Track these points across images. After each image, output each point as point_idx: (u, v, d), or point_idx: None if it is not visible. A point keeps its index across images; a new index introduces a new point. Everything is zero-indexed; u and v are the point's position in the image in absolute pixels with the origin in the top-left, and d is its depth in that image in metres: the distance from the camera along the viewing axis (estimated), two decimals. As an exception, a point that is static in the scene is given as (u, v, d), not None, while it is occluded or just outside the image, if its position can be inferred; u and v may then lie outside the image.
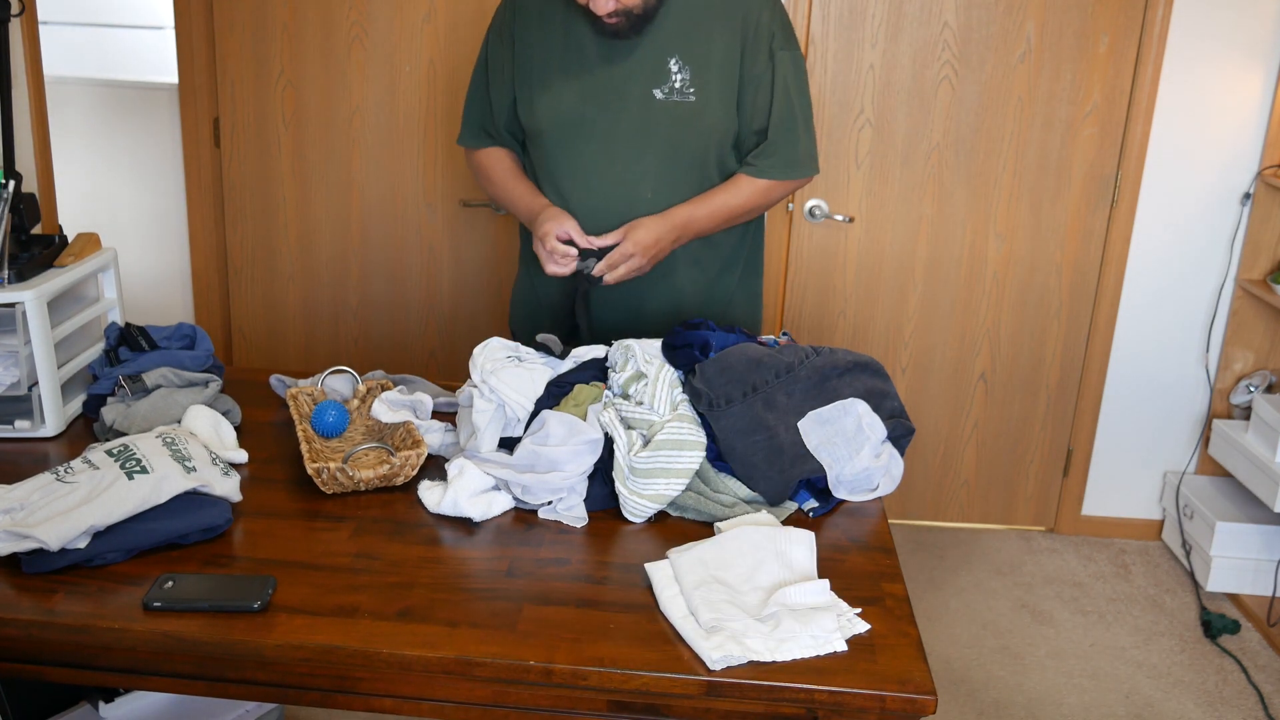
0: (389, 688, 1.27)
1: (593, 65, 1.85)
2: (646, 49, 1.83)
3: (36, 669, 1.32)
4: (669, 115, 1.84)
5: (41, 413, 1.70)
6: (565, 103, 1.87)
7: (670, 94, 1.83)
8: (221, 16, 3.04)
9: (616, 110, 1.85)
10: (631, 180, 1.87)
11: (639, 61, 1.83)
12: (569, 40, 1.86)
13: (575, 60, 1.86)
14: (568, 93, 1.87)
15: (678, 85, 1.83)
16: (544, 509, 1.51)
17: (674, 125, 1.85)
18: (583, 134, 1.87)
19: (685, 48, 1.83)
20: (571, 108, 1.87)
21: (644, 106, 1.84)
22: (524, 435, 1.57)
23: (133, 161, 3.37)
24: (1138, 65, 2.96)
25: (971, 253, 3.13)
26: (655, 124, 1.85)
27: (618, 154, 1.87)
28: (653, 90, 1.84)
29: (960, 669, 2.68)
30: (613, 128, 1.86)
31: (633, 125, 1.86)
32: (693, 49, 1.83)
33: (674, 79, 1.83)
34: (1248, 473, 2.94)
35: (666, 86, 1.83)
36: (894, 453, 1.61)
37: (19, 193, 1.75)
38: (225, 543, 1.42)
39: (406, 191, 3.14)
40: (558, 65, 1.87)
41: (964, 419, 3.29)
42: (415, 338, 3.28)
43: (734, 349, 1.61)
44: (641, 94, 1.84)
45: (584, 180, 1.89)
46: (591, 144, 1.87)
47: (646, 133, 1.86)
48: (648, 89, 1.84)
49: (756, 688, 1.19)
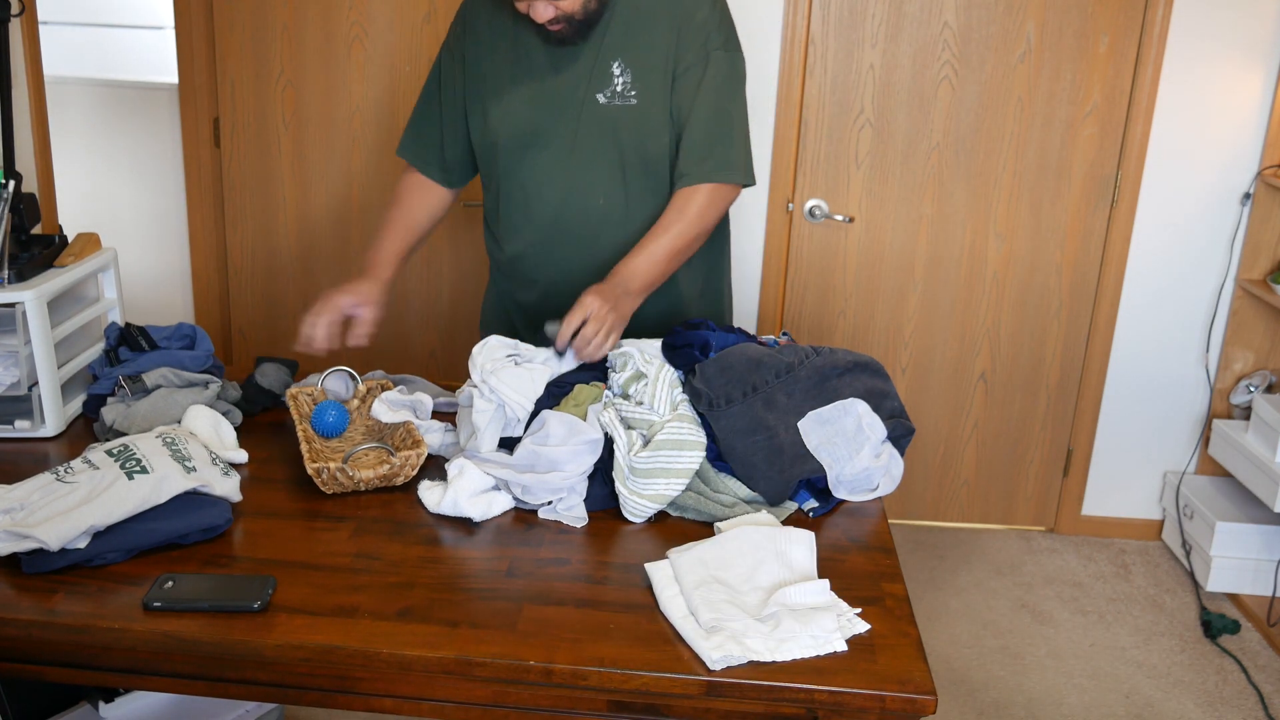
0: (389, 688, 1.27)
1: (542, 74, 1.83)
2: (590, 54, 1.80)
3: (36, 669, 1.32)
4: (612, 119, 1.81)
5: (41, 413, 1.70)
6: (517, 113, 1.85)
7: (612, 98, 1.80)
8: (221, 16, 3.04)
9: (564, 118, 1.83)
10: (583, 188, 1.85)
11: (584, 67, 1.81)
12: (518, 51, 1.85)
13: (525, 70, 1.84)
14: (518, 103, 1.85)
15: (619, 89, 1.80)
16: (544, 509, 1.51)
17: (618, 130, 1.82)
18: (536, 143, 1.85)
19: (627, 51, 1.80)
20: (523, 118, 1.84)
21: (589, 112, 1.81)
22: (524, 435, 1.57)
23: (133, 161, 3.37)
24: (1138, 65, 2.96)
25: (971, 253, 3.13)
26: (600, 129, 1.82)
27: (568, 162, 1.84)
28: (596, 95, 1.81)
29: (960, 669, 2.68)
30: (562, 136, 1.83)
31: (580, 132, 1.83)
32: (635, 52, 1.80)
33: (615, 83, 1.80)
34: (1248, 473, 2.94)
35: (609, 90, 1.80)
36: (894, 453, 1.61)
37: (19, 193, 1.75)
38: (225, 543, 1.42)
39: (406, 191, 3.14)
40: (508, 76, 1.86)
41: (964, 419, 3.29)
42: (415, 338, 3.28)
43: (734, 349, 1.61)
44: (586, 99, 1.81)
45: (538, 190, 1.87)
46: (544, 153, 1.85)
47: (593, 139, 1.83)
48: (591, 94, 1.81)
49: (756, 688, 1.19)
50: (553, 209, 1.87)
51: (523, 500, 1.52)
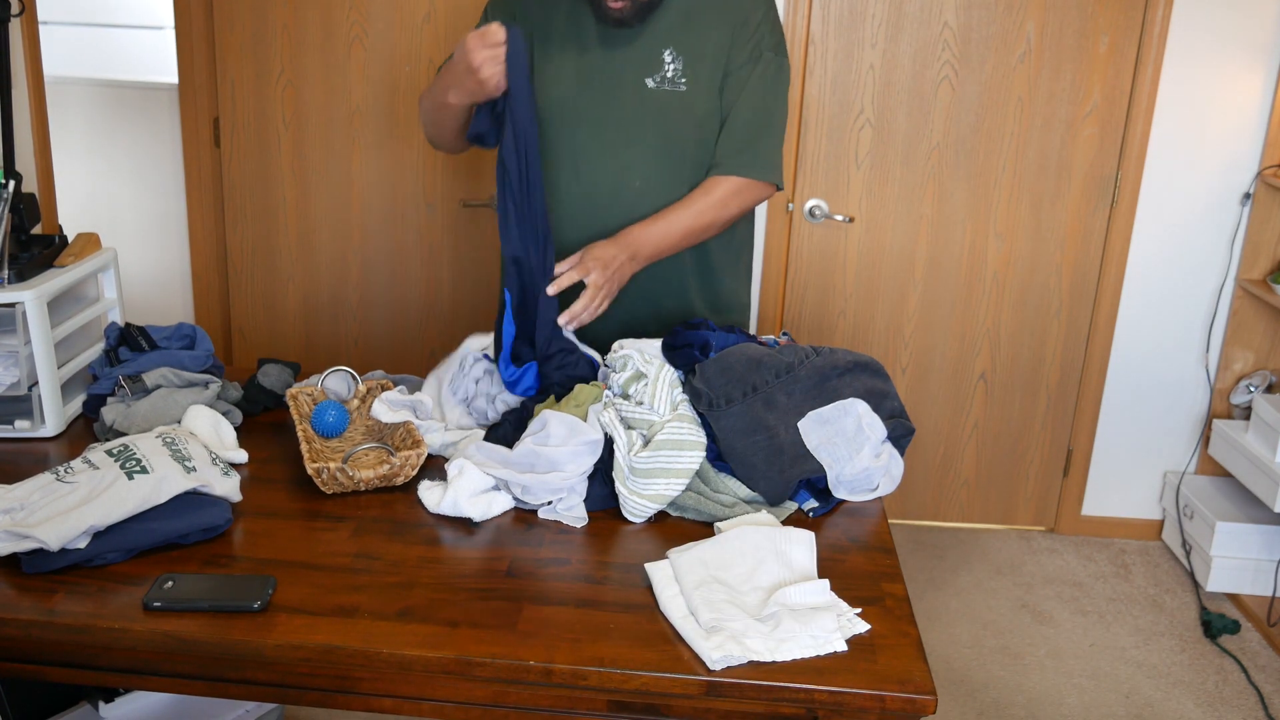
0: (389, 688, 1.27)
1: (591, 51, 1.84)
2: (643, 38, 1.83)
3: (36, 669, 1.32)
4: (659, 104, 1.84)
5: (41, 413, 1.70)
6: (561, 84, 1.85)
7: (661, 83, 1.83)
8: (221, 16, 3.04)
9: (610, 97, 1.84)
10: (620, 168, 1.86)
11: (635, 50, 1.83)
12: (571, 22, 1.85)
13: (575, 44, 1.85)
14: (564, 74, 1.85)
15: (669, 75, 1.83)
16: (544, 509, 1.51)
17: (664, 114, 1.84)
18: (575, 118, 1.86)
19: (681, 40, 1.83)
20: (566, 90, 1.85)
21: (636, 95, 1.84)
22: (524, 435, 1.57)
23: (133, 161, 3.37)
24: (1138, 65, 2.96)
25: (971, 253, 3.13)
26: (646, 113, 1.84)
27: (609, 141, 1.86)
28: (645, 79, 1.83)
29: (960, 669, 2.68)
30: (605, 114, 1.85)
31: (625, 113, 1.85)
32: (688, 42, 1.83)
33: (666, 69, 1.83)
34: (1248, 473, 2.94)
35: (659, 75, 1.83)
36: (894, 453, 1.61)
37: (19, 193, 1.75)
38: (225, 543, 1.42)
39: (406, 191, 3.14)
40: (557, 47, 1.86)
41: (964, 419, 3.28)
42: (415, 338, 3.28)
43: (734, 349, 1.61)
44: (635, 82, 1.83)
45: (573, 166, 1.88)
46: (583, 129, 1.86)
47: (638, 121, 1.85)
48: (640, 77, 1.83)
49: (756, 688, 1.19)
50: (587, 186, 1.87)
51: (523, 500, 1.52)
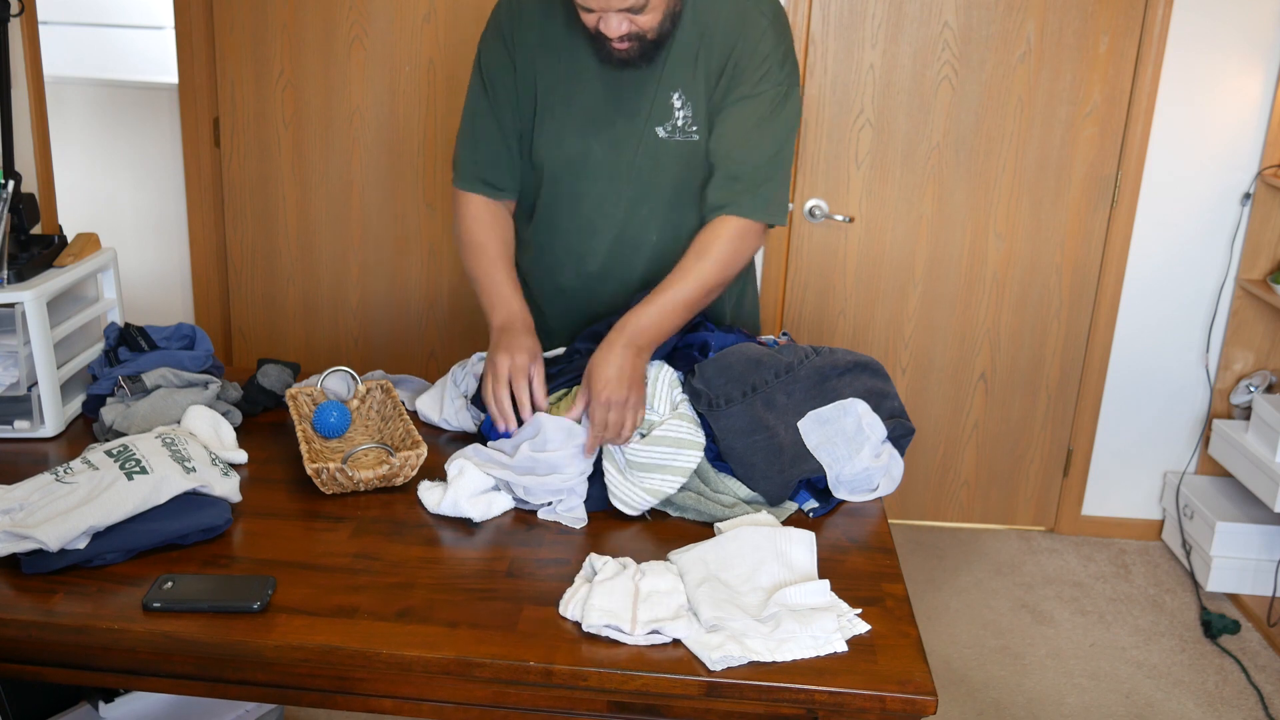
0: (389, 688, 1.27)
1: (596, 99, 1.72)
2: (650, 83, 1.70)
3: (36, 669, 1.32)
4: (673, 155, 1.72)
5: (41, 413, 1.70)
6: (567, 138, 1.74)
7: (673, 132, 1.71)
8: (221, 16, 3.04)
9: (621, 148, 1.73)
10: (637, 223, 1.77)
11: (644, 97, 1.71)
12: (572, 69, 1.72)
13: (579, 93, 1.73)
14: (570, 128, 1.74)
15: (680, 124, 1.71)
16: (543, 510, 1.51)
17: (679, 165, 1.73)
18: (587, 173, 1.75)
19: (688, 83, 1.70)
20: (575, 144, 1.74)
21: (649, 146, 1.72)
22: (520, 439, 1.57)
23: (133, 161, 3.37)
24: (1138, 65, 2.96)
25: (971, 253, 3.13)
26: (659, 164, 1.73)
27: (622, 195, 1.76)
28: (655, 129, 1.71)
29: (960, 669, 2.68)
30: (617, 167, 1.74)
31: (639, 165, 1.74)
32: (695, 85, 1.70)
33: (676, 116, 1.71)
34: (1248, 473, 2.94)
35: (670, 124, 1.71)
36: (894, 453, 1.61)
37: (19, 193, 1.75)
38: (225, 543, 1.42)
39: (406, 191, 3.14)
40: (560, 97, 1.73)
41: (964, 419, 3.28)
42: (415, 338, 3.28)
43: (734, 349, 1.61)
44: (645, 132, 1.72)
45: (586, 221, 1.78)
46: (596, 184, 1.75)
47: (652, 173, 1.74)
48: (650, 127, 1.71)
49: (756, 688, 1.19)
50: (607, 243, 1.79)
51: (523, 500, 1.52)
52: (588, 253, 1.81)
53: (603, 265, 1.81)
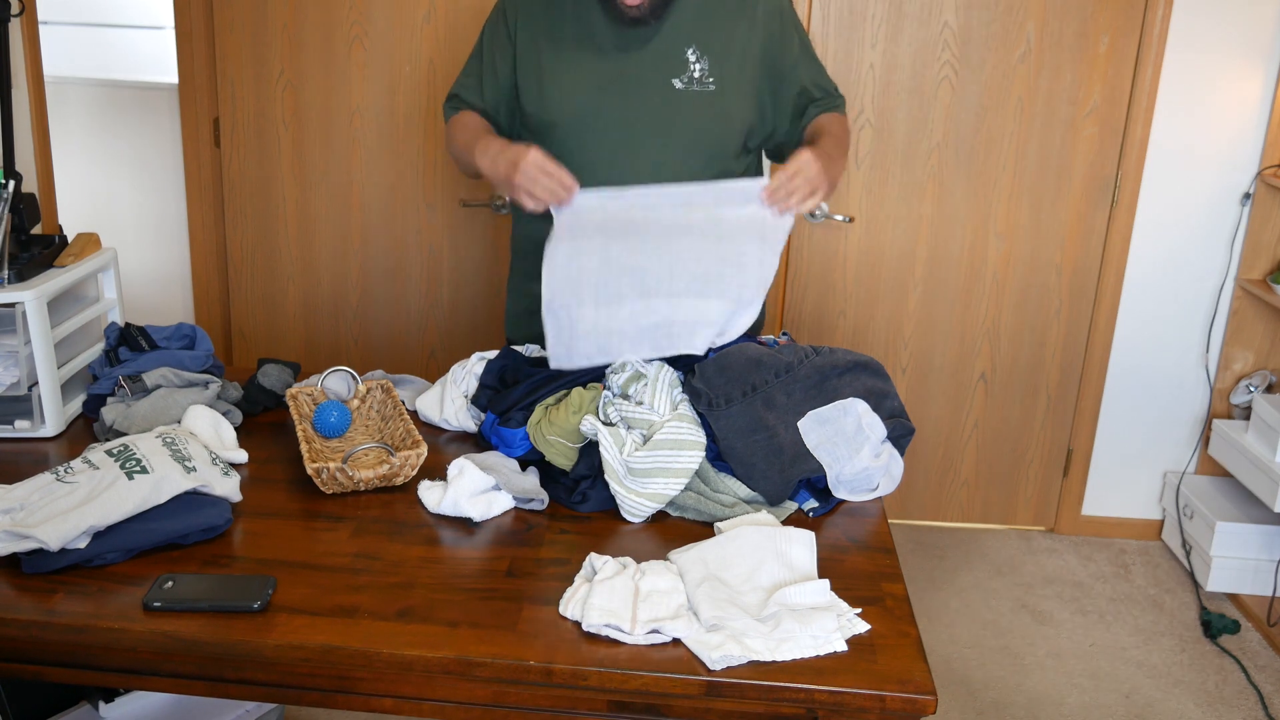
0: (389, 688, 1.27)
1: (607, 54, 1.80)
2: (662, 38, 1.80)
3: (36, 669, 1.32)
4: (690, 105, 1.80)
5: (41, 413, 1.70)
6: (580, 93, 1.81)
7: (690, 83, 1.79)
8: (221, 16, 3.04)
9: (635, 100, 1.81)
10: (652, 174, 1.79)
11: (655, 50, 1.80)
12: (580, 28, 1.82)
13: (588, 49, 1.81)
14: (582, 83, 1.81)
15: (697, 75, 1.79)
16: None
17: (695, 115, 1.81)
18: (600, 125, 1.82)
19: (702, 37, 1.80)
20: (587, 98, 1.81)
21: (664, 96, 1.80)
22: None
23: (133, 161, 3.37)
24: (1138, 65, 2.96)
25: (971, 252, 3.13)
26: (676, 114, 1.81)
27: (638, 146, 1.82)
28: (672, 80, 1.80)
29: (960, 669, 2.68)
30: (632, 119, 1.81)
31: (653, 116, 1.81)
32: (710, 39, 1.80)
33: (693, 68, 1.79)
34: (1248, 473, 2.94)
35: (685, 76, 1.79)
36: (894, 453, 1.61)
37: (19, 193, 1.75)
38: (225, 543, 1.42)
39: (406, 191, 3.14)
40: (570, 55, 1.82)
41: (964, 419, 3.28)
42: (415, 338, 3.28)
43: (734, 349, 1.61)
44: (661, 83, 1.80)
45: (602, 175, 1.80)
46: (609, 136, 1.82)
47: (668, 123, 1.81)
48: (666, 78, 1.80)
49: (756, 688, 1.19)
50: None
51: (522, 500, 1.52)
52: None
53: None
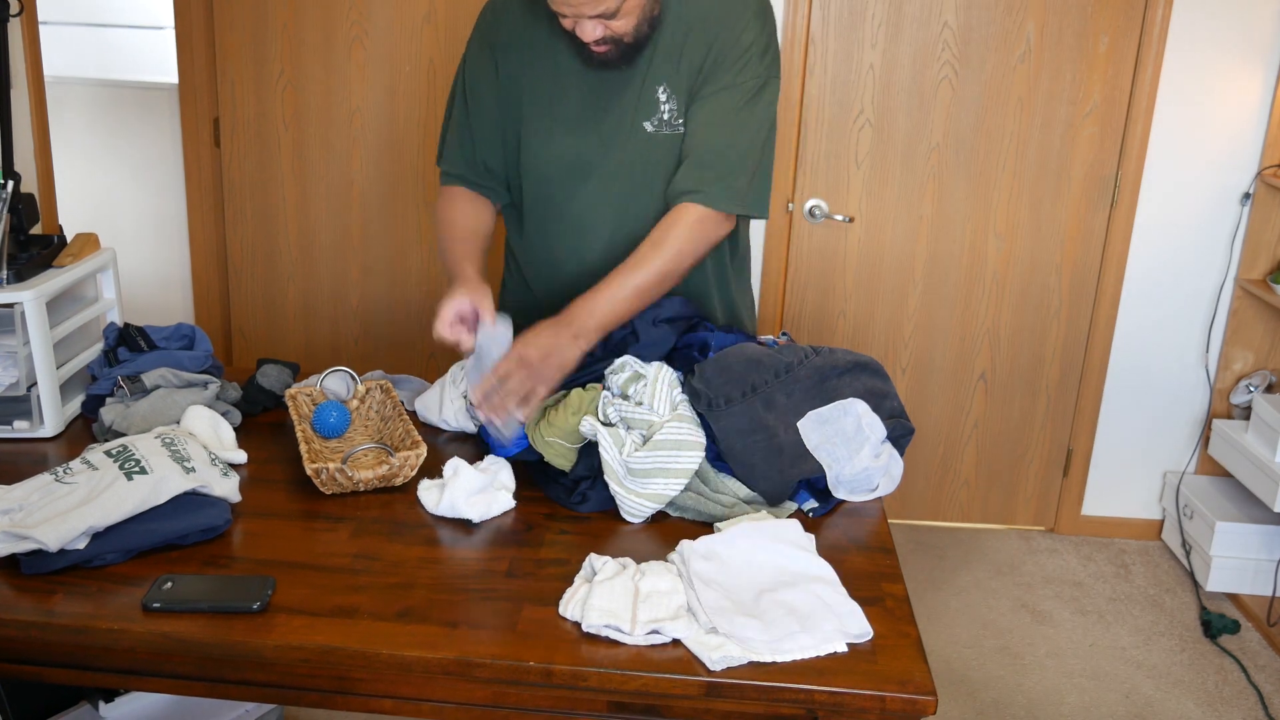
0: (389, 688, 1.27)
1: (582, 98, 1.71)
2: (635, 79, 1.69)
3: (36, 669, 1.32)
4: (661, 149, 1.71)
5: (40, 413, 1.70)
6: (556, 140, 1.73)
7: (660, 126, 1.70)
8: (221, 16, 3.04)
9: (610, 147, 1.72)
10: (630, 222, 1.74)
11: (629, 93, 1.70)
12: (555, 70, 1.72)
13: (563, 93, 1.72)
14: (559, 130, 1.73)
15: (666, 117, 1.70)
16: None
17: (668, 159, 1.71)
18: (577, 174, 1.74)
19: (672, 76, 1.69)
20: (563, 146, 1.73)
21: (638, 141, 1.71)
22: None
23: (133, 161, 3.37)
24: (1138, 65, 2.96)
25: (971, 253, 3.13)
26: (649, 159, 1.72)
27: (614, 194, 1.75)
28: (643, 123, 1.70)
29: (960, 669, 2.68)
30: (607, 166, 1.73)
31: (628, 162, 1.72)
32: (679, 77, 1.69)
33: (662, 110, 1.69)
34: (1248, 473, 2.94)
35: (656, 119, 1.70)
36: (894, 453, 1.61)
37: (19, 193, 1.75)
38: (225, 543, 1.42)
39: (406, 191, 3.14)
40: (546, 98, 1.73)
41: (964, 419, 3.28)
42: (415, 338, 3.28)
43: (733, 349, 1.61)
44: (633, 127, 1.71)
45: (578, 224, 1.77)
46: (587, 185, 1.75)
47: (641, 169, 1.73)
48: (639, 122, 1.70)
49: (756, 688, 1.19)
50: (603, 243, 1.77)
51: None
52: (585, 251, 1.80)
53: (600, 263, 1.79)
